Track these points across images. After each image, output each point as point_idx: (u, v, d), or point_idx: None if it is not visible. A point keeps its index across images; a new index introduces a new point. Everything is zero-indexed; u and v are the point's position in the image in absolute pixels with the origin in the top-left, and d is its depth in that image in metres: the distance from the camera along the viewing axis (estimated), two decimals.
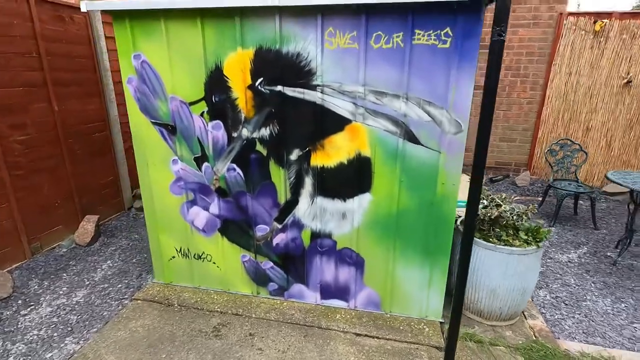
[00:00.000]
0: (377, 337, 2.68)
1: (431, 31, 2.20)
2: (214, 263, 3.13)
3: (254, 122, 2.64)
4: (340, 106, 2.47)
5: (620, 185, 3.56)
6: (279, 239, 2.91)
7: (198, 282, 3.21)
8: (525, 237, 2.60)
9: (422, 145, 2.42)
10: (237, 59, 2.51)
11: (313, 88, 2.47)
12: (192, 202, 2.98)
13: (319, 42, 2.35)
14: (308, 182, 2.70)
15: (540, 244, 2.59)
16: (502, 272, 2.61)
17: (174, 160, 2.88)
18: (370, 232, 2.72)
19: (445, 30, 2.18)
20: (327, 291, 2.97)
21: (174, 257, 3.21)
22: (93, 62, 4.24)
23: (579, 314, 2.99)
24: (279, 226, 2.87)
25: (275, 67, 2.47)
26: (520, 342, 2.61)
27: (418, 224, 2.61)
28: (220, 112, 2.67)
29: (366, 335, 2.70)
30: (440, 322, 2.81)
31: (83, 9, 2.53)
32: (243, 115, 2.63)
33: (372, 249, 2.76)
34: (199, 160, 2.85)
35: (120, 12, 2.59)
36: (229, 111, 2.65)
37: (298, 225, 2.83)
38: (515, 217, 2.63)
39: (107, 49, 4.38)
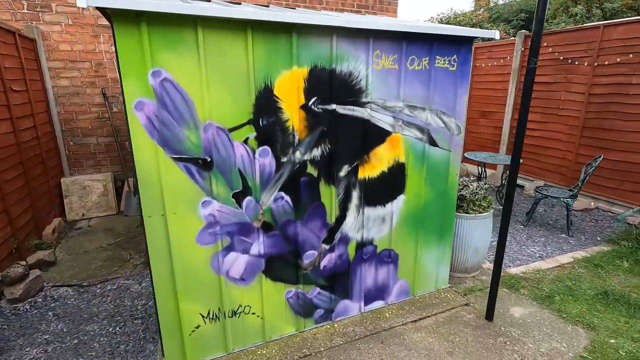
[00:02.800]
0: (428, 316, 2.96)
1: (446, 57, 2.71)
2: (254, 313, 2.55)
3: (306, 144, 2.40)
4: (383, 120, 2.62)
5: (473, 159, 5.20)
6: (327, 261, 2.72)
7: (233, 345, 2.51)
8: (485, 206, 3.52)
9: (439, 147, 2.91)
10: (291, 77, 2.23)
11: (362, 105, 2.51)
12: (228, 249, 2.35)
13: (369, 63, 2.44)
14: (355, 195, 2.68)
15: (491, 210, 3.57)
16: (480, 233, 3.43)
17: (204, 202, 2.20)
18: (403, 228, 2.97)
19: (453, 57, 2.74)
20: (369, 296, 2.98)
21: (198, 326, 2.39)
22: None
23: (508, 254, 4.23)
24: (327, 247, 2.69)
25: (329, 85, 2.36)
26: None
27: (435, 211, 3.07)
28: (268, 137, 2.27)
29: (420, 319, 2.93)
30: (449, 287, 3.39)
31: (82, 4, 1.62)
32: (295, 138, 2.35)
33: (404, 243, 3.01)
34: (239, 196, 2.30)
35: (135, 15, 1.81)
36: (279, 134, 2.30)
37: (345, 240, 2.74)
38: (477, 195, 3.50)
39: None
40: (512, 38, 6.55)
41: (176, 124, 1.98)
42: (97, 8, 1.73)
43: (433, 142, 2.79)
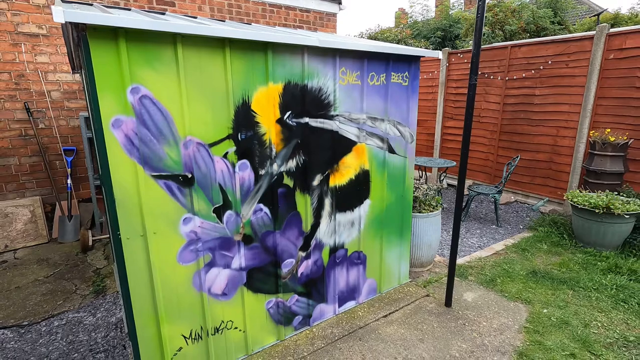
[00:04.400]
0: (396, 310, 3.20)
1: (399, 73, 3.02)
2: (236, 328, 2.53)
3: (282, 156, 2.49)
4: (350, 131, 2.82)
5: (417, 164, 5.70)
6: (303, 267, 2.81)
7: None
8: (434, 205, 3.93)
9: (397, 154, 3.20)
10: (267, 93, 2.31)
11: (331, 118, 2.68)
12: (210, 265, 2.31)
13: (336, 79, 2.63)
14: (327, 202, 2.83)
15: (440, 208, 3.99)
16: (432, 230, 3.82)
17: (185, 219, 2.15)
18: (370, 230, 3.19)
19: (405, 74, 3.07)
20: (342, 298, 3.13)
21: (180, 348, 2.30)
22: None
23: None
24: (304, 254, 2.78)
25: (302, 100, 2.49)
26: (444, 271, 3.92)
27: (396, 213, 3.35)
28: (247, 150, 2.31)
29: (390, 314, 3.15)
30: (410, 281, 3.69)
31: (59, 19, 1.52)
32: (272, 150, 2.42)
33: (371, 244, 3.23)
34: (220, 211, 2.29)
35: (112, 31, 1.74)
36: (257, 148, 2.36)
37: (319, 246, 2.86)
38: (428, 196, 3.89)
39: None
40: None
41: (156, 141, 1.95)
42: (71, 23, 1.66)
43: (392, 150, 3.08)
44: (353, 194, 2.90)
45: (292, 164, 2.49)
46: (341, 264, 2.99)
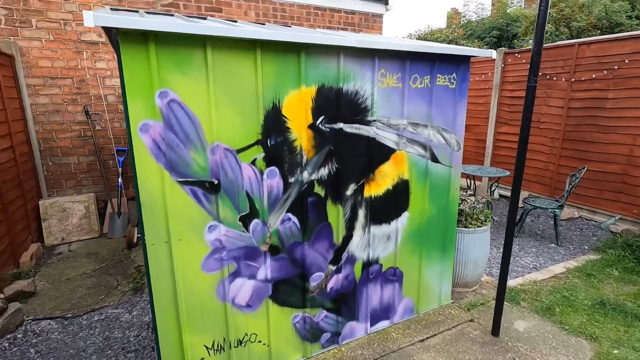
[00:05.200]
0: (435, 335, 2.92)
1: (446, 75, 2.76)
2: (260, 341, 2.43)
3: (314, 163, 2.35)
4: (388, 138, 2.62)
5: (462, 172, 5.29)
6: (333, 282, 2.64)
7: None
8: (482, 219, 3.56)
9: (441, 163, 2.93)
10: (299, 97, 2.20)
11: (367, 123, 2.50)
12: (234, 275, 2.24)
13: (374, 82, 2.45)
14: (361, 214, 2.64)
15: (489, 223, 3.61)
16: (480, 246, 3.46)
17: (211, 226, 2.10)
18: (408, 245, 2.94)
19: (453, 75, 2.79)
20: (375, 316, 2.92)
21: (202, 359, 2.25)
22: None
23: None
24: (334, 268, 2.62)
25: (336, 104, 2.34)
26: (491, 293, 3.53)
27: (438, 227, 3.07)
28: (276, 157, 2.21)
29: (427, 338, 2.88)
30: (452, 302, 3.37)
31: (89, 23, 1.53)
32: (303, 157, 2.30)
33: (409, 260, 2.98)
34: (246, 219, 2.21)
35: (142, 34, 1.72)
36: (287, 154, 2.25)
37: (351, 260, 2.68)
38: (475, 209, 3.54)
39: None
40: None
41: (183, 146, 1.90)
42: (102, 27, 1.65)
43: (435, 159, 2.81)
44: (390, 205, 2.68)
45: (324, 172, 2.34)
46: (375, 280, 2.78)
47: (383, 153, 2.57)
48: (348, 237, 2.57)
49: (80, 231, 4.85)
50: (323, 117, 2.26)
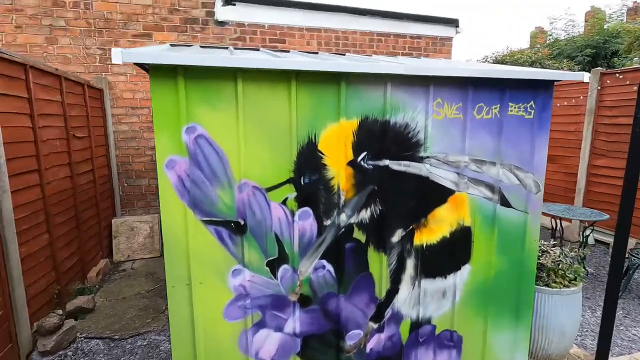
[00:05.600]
0: None
1: (520, 104, 2.31)
2: None
3: (353, 204, 2.08)
4: (445, 177, 2.23)
5: (545, 212, 4.48)
6: (374, 342, 2.27)
7: None
8: (572, 277, 2.88)
9: (513, 207, 2.42)
10: (337, 130, 1.97)
11: (419, 160, 2.16)
12: (259, 325, 2.03)
13: (428, 113, 2.12)
14: (410, 264, 2.26)
15: (580, 283, 2.90)
16: (568, 311, 2.77)
17: (235, 270, 1.93)
18: (468, 304, 2.44)
19: (530, 104, 2.33)
20: None
21: None
22: None
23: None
24: (375, 326, 2.25)
25: (382, 139, 2.06)
26: None
27: (509, 284, 2.51)
28: (310, 197, 1.99)
29: None
30: None
31: (117, 60, 1.53)
32: (340, 198, 2.04)
33: (470, 323, 2.47)
34: (274, 265, 2.00)
35: (172, 69, 1.69)
36: (322, 194, 2.02)
37: (397, 318, 2.29)
38: (561, 264, 2.88)
39: None
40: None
41: (209, 184, 1.77)
42: (135, 63, 1.62)
43: (505, 202, 2.32)
44: (446, 256, 2.26)
45: (365, 214, 2.05)
46: (426, 344, 2.33)
47: (438, 194, 2.18)
48: (393, 291, 2.20)
49: (143, 250, 5.13)
50: (365, 153, 1.99)
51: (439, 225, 2.22)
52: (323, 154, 1.93)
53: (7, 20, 4.66)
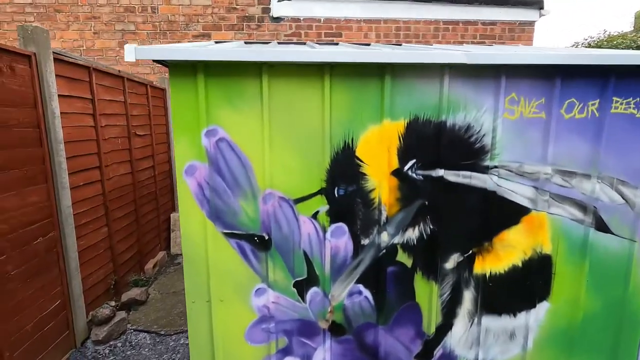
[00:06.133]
0: None
1: (630, 98, 1.75)
2: None
3: (398, 222, 1.75)
4: (518, 192, 1.78)
5: None
6: None
7: None
8: None
9: (614, 233, 1.87)
10: (380, 134, 1.65)
11: (484, 170, 1.74)
12: (285, 352, 1.81)
13: (498, 111, 1.69)
14: (468, 296, 1.86)
15: None
16: None
17: (258, 289, 1.73)
18: (545, 352, 1.95)
19: None
20: None
21: None
22: (39, 130, 2.76)
23: None
24: None
25: (436, 144, 1.69)
26: None
27: (604, 331, 1.96)
28: (345, 211, 1.71)
29: None
30: None
31: (130, 58, 1.40)
32: (382, 213, 1.72)
33: None
34: (303, 286, 1.76)
35: (192, 66, 1.53)
36: (360, 209, 1.72)
37: (449, 359, 1.92)
38: None
39: (60, 111, 2.95)
40: None
41: (230, 193, 1.58)
42: (156, 60, 1.48)
43: (602, 226, 1.79)
44: (516, 289, 1.81)
45: (412, 234, 1.70)
46: None
47: (509, 213, 1.75)
48: (445, 327, 1.82)
49: None
50: (414, 160, 1.64)
51: (507, 251, 1.78)
52: (362, 162, 1.63)
53: (87, 27, 5.06)
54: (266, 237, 1.63)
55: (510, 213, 1.75)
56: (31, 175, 2.72)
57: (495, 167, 1.69)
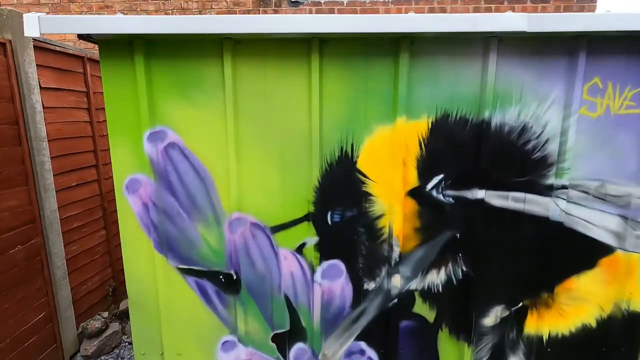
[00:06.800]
0: None
1: None
2: None
3: (416, 261, 1.25)
4: (597, 223, 1.23)
5: None
6: None
7: None
8: None
9: None
10: (392, 138, 1.16)
11: (546, 191, 1.20)
12: None
13: (572, 105, 1.14)
14: None
15: None
16: None
17: (226, 343, 1.31)
18: None
19: None
20: None
21: None
22: (17, 127, 2.49)
23: None
24: None
25: (474, 153, 1.18)
26: None
27: None
28: (342, 244, 1.25)
29: None
30: None
31: (33, 32, 1.00)
32: (394, 248, 1.24)
33: None
34: (284, 340, 1.33)
35: (127, 42, 1.11)
36: (363, 241, 1.25)
37: None
38: None
39: (43, 104, 2.67)
40: None
41: (186, 217, 1.15)
42: (78, 37, 1.07)
43: None
44: (588, 357, 1.26)
45: (436, 278, 1.21)
46: None
47: (580, 252, 1.21)
48: None
49: None
50: (442, 176, 1.14)
51: (576, 305, 1.24)
52: (365, 177, 1.14)
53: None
54: (234, 277, 1.20)
55: (583, 252, 1.20)
56: (8, 176, 2.43)
57: (564, 187, 1.14)
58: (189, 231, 1.18)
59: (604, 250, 1.21)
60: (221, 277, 1.22)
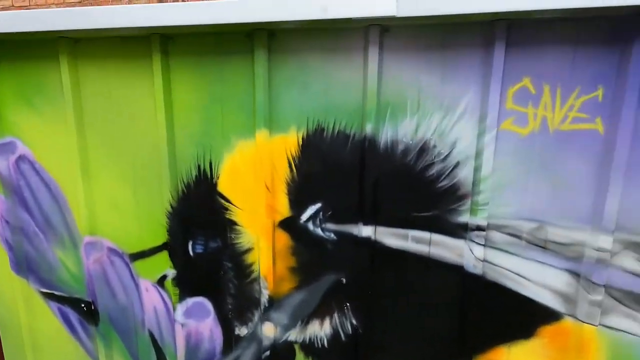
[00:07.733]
0: None
1: None
2: None
3: (293, 307, 1.02)
4: (533, 278, 0.89)
5: None
6: None
7: None
8: None
9: None
10: (257, 155, 0.94)
11: (458, 231, 0.90)
12: None
13: (488, 115, 0.83)
14: None
15: None
16: None
17: None
18: None
19: None
20: None
21: None
22: None
23: None
24: None
25: (354, 178, 0.91)
26: None
27: None
28: (206, 280, 1.05)
29: None
30: None
31: None
32: (263, 290, 1.01)
33: None
34: None
35: None
36: (230, 278, 1.04)
37: None
38: None
39: None
40: None
41: (43, 238, 1.03)
42: None
43: None
44: None
45: (319, 330, 0.97)
46: None
47: (511, 315, 0.88)
48: None
49: None
50: (319, 205, 0.89)
51: None
52: (228, 201, 0.93)
53: None
54: (92, 307, 1.05)
55: (515, 315, 0.88)
56: None
57: (479, 228, 0.83)
58: (47, 253, 1.06)
59: (545, 315, 0.88)
60: (82, 305, 1.07)
